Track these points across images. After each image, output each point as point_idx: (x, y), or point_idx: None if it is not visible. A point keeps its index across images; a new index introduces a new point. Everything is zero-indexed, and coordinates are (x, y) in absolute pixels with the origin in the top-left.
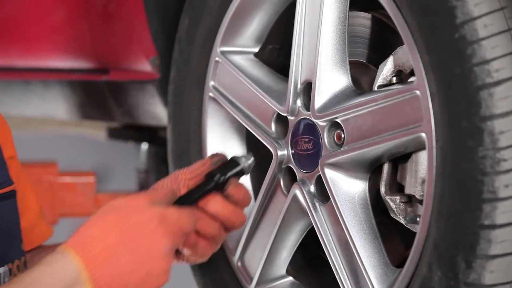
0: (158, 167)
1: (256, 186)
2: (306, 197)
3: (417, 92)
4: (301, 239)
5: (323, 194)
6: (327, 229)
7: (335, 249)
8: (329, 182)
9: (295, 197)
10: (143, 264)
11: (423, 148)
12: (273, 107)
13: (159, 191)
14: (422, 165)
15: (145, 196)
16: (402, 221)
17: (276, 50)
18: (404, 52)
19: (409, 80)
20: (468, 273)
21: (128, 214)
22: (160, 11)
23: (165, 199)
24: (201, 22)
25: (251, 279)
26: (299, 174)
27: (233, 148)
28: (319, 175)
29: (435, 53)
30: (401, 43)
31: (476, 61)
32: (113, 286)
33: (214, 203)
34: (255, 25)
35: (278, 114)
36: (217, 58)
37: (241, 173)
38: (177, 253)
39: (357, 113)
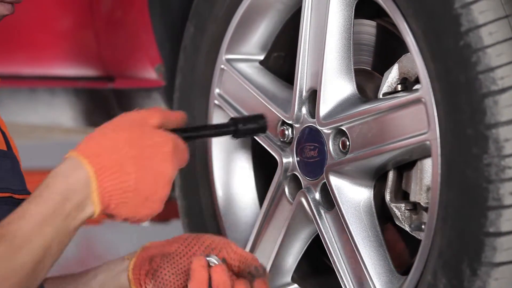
0: None
1: (261, 193)
2: (311, 205)
3: (422, 99)
4: (306, 246)
5: (328, 201)
6: (332, 236)
7: (340, 256)
8: (334, 189)
9: (300, 205)
10: (148, 184)
11: (428, 156)
12: (278, 115)
13: (173, 113)
14: (427, 172)
15: (158, 114)
16: (407, 229)
17: (281, 58)
18: (409, 59)
19: (414, 87)
20: (473, 280)
21: (143, 132)
22: (165, 19)
23: (177, 122)
24: (206, 30)
25: None
26: (304, 181)
27: (238, 155)
28: (324, 182)
29: (440, 60)
30: (406, 51)
31: (481, 68)
32: (113, 200)
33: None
34: (261, 33)
35: (283, 122)
36: (222, 66)
37: (262, 129)
38: None
39: (362, 121)
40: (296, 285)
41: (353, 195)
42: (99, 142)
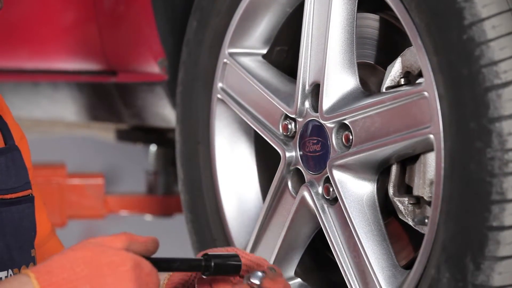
0: (167, 168)
1: (264, 187)
2: (314, 199)
3: (425, 93)
4: (310, 240)
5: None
6: (335, 230)
7: (343, 250)
8: (337, 183)
9: (303, 199)
10: None
11: (432, 150)
12: (281, 109)
13: (141, 237)
14: (431, 166)
15: (124, 237)
16: (411, 223)
17: (284, 52)
18: (412, 53)
19: (417, 81)
20: (476, 274)
21: (102, 251)
22: (168, 13)
23: (145, 245)
24: (209, 24)
25: None
26: (307, 175)
27: (241, 149)
28: (327, 176)
29: (443, 54)
30: (409, 45)
31: (484, 62)
32: None
33: None
34: (263, 27)
35: (286, 116)
36: (225, 60)
37: (236, 269)
38: None
39: (365, 115)
40: (299, 279)
41: (356, 189)
42: (54, 261)
